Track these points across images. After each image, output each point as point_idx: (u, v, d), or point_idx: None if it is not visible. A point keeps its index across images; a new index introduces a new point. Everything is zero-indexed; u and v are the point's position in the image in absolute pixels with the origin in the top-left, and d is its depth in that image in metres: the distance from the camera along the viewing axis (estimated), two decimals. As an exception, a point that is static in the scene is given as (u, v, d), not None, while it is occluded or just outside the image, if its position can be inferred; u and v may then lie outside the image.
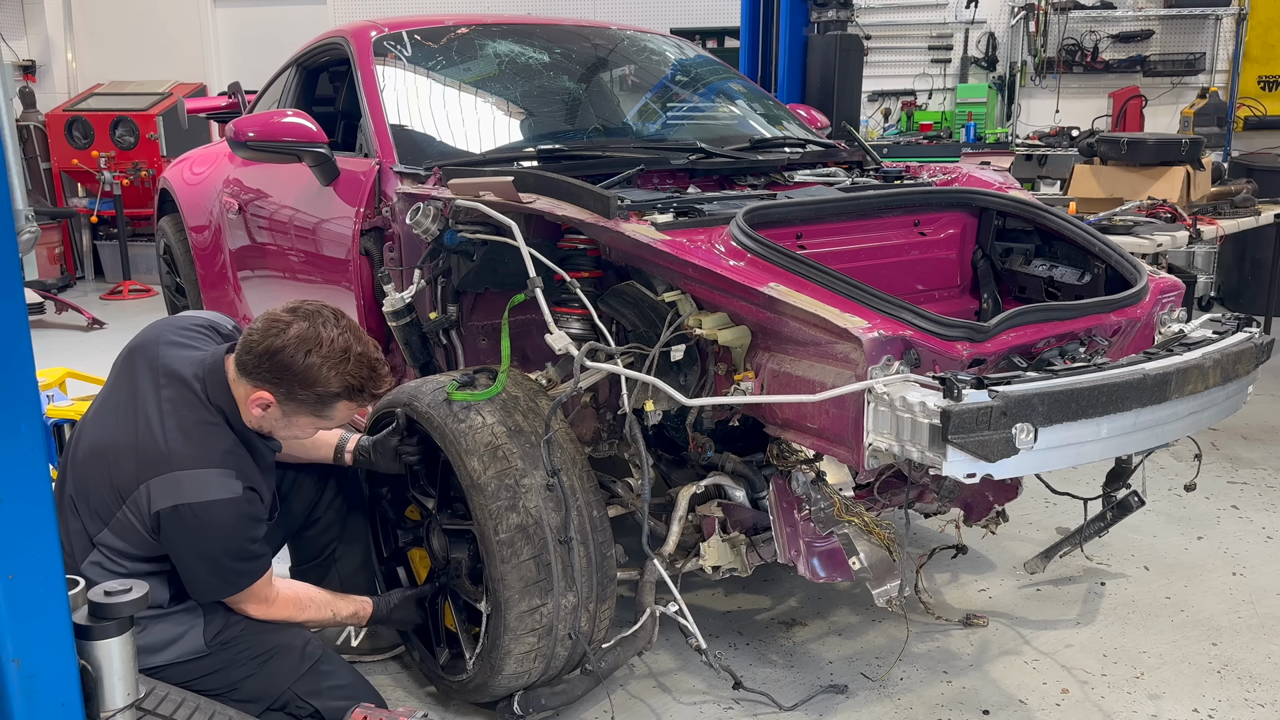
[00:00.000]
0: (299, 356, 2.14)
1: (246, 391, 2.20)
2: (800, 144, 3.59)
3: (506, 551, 2.25)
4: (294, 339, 2.14)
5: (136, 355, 2.29)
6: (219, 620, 2.25)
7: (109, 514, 2.14)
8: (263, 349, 2.15)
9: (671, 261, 2.32)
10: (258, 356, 2.15)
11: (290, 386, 2.16)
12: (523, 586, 2.27)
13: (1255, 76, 8.12)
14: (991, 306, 2.84)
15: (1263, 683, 2.74)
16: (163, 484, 2.09)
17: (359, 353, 2.20)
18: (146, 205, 7.71)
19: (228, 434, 2.21)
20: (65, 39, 9.36)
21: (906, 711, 2.62)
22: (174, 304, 5.58)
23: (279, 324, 2.17)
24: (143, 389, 2.21)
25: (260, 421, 2.24)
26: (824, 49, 5.93)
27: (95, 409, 2.30)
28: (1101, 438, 2.05)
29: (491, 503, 2.26)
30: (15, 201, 4.25)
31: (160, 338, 2.31)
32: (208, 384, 2.22)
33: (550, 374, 2.69)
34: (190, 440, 2.14)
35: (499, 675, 2.35)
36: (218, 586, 2.20)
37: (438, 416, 2.39)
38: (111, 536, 2.14)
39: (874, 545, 2.53)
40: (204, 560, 2.14)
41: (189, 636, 2.21)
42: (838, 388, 2.04)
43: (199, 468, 2.12)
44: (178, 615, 2.21)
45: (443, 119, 3.39)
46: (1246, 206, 5.15)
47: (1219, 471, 4.20)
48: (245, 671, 2.24)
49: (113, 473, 2.14)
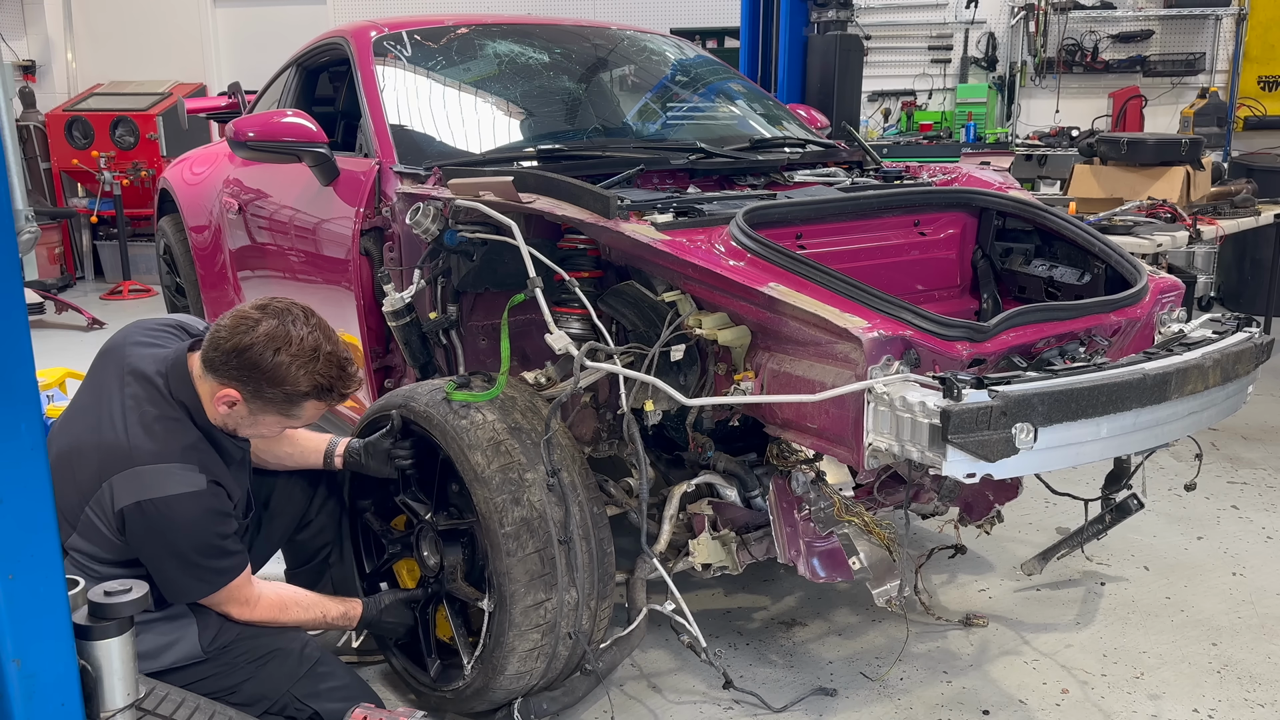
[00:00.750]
0: (268, 355, 2.11)
1: (212, 389, 2.18)
2: (800, 144, 3.59)
3: (512, 545, 2.25)
4: (263, 337, 2.12)
5: (106, 358, 2.28)
6: (214, 624, 2.23)
7: (75, 517, 2.12)
8: (230, 346, 2.13)
9: (671, 261, 2.32)
10: (225, 354, 2.13)
11: (258, 384, 2.14)
12: (528, 580, 2.26)
13: (1255, 76, 8.12)
14: (991, 306, 2.84)
15: (1263, 683, 2.74)
16: (124, 480, 2.07)
17: (329, 351, 2.18)
18: (146, 205, 7.71)
19: (190, 429, 2.18)
20: (65, 39, 9.36)
21: (906, 711, 2.62)
22: (174, 304, 5.58)
23: (247, 321, 2.14)
24: (108, 389, 2.20)
25: (225, 419, 2.21)
26: (824, 49, 5.93)
27: (63, 416, 2.28)
28: (1101, 438, 2.05)
29: (496, 495, 2.26)
30: (15, 201, 4.25)
31: (129, 339, 2.30)
32: (170, 380, 2.20)
33: (549, 372, 2.69)
34: (152, 436, 2.12)
35: (500, 676, 2.33)
36: (192, 585, 2.16)
37: (437, 415, 2.39)
38: (80, 540, 2.12)
39: (874, 545, 2.53)
40: (173, 558, 2.10)
41: (184, 642, 2.19)
42: (838, 388, 2.04)
43: (159, 462, 2.09)
44: (170, 620, 2.20)
45: (443, 119, 3.39)
46: (1246, 206, 5.15)
47: (1219, 471, 4.20)
48: (243, 675, 2.23)
49: (77, 474, 2.12)
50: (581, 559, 2.34)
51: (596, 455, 2.76)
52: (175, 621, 2.20)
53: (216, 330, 2.17)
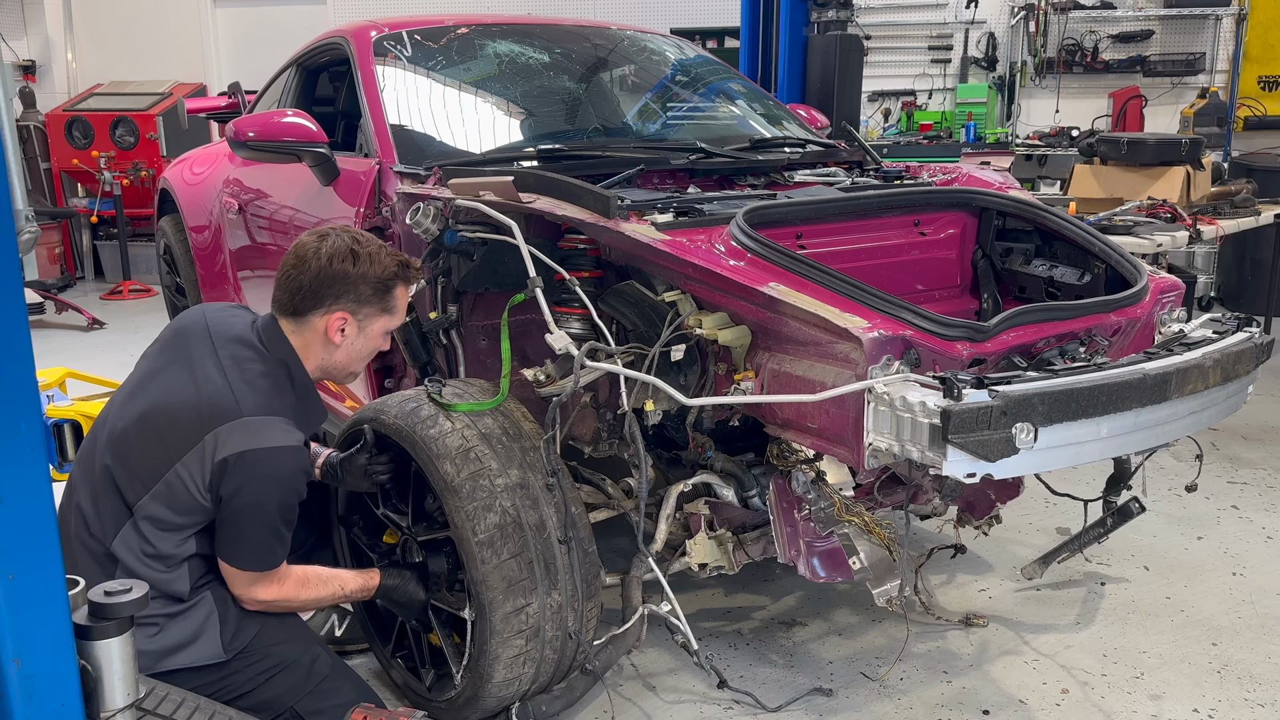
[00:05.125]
0: (346, 261, 2.27)
1: (316, 330, 2.30)
2: (800, 144, 3.59)
3: (487, 552, 2.24)
4: (330, 250, 2.28)
5: (183, 332, 2.33)
6: (233, 620, 2.22)
7: (155, 477, 2.13)
8: (313, 274, 2.26)
9: (671, 261, 2.32)
10: (311, 282, 2.26)
11: (354, 289, 2.29)
12: (506, 587, 2.25)
13: (1255, 76, 8.12)
14: (991, 306, 2.84)
15: (1263, 683, 2.74)
16: (231, 430, 2.12)
17: (378, 240, 2.37)
18: (146, 205, 7.71)
19: (289, 388, 2.28)
20: (65, 39, 9.36)
21: (906, 711, 2.62)
22: (174, 304, 5.58)
23: (307, 250, 2.29)
24: (197, 354, 2.26)
25: (336, 355, 2.33)
26: (824, 49, 5.93)
27: (131, 387, 2.30)
28: (1101, 437, 2.05)
29: (468, 504, 2.25)
30: (15, 201, 4.25)
31: (205, 314, 2.38)
32: (266, 339, 2.29)
33: (549, 370, 2.69)
34: (257, 390, 2.19)
35: (489, 684, 2.31)
36: (260, 547, 2.17)
37: (405, 425, 2.39)
38: (151, 503, 2.13)
39: (874, 545, 2.53)
40: (259, 514, 2.13)
41: (206, 638, 2.18)
42: (838, 387, 2.04)
43: (267, 414, 2.16)
44: (196, 611, 2.18)
45: (443, 119, 3.39)
46: (1246, 206, 5.15)
47: (1219, 471, 4.20)
48: (249, 685, 2.22)
49: (167, 434, 2.14)
50: (562, 561, 2.33)
51: (596, 455, 2.76)
52: (198, 617, 2.19)
53: (287, 277, 2.30)
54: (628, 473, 2.76)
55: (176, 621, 2.17)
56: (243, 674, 2.22)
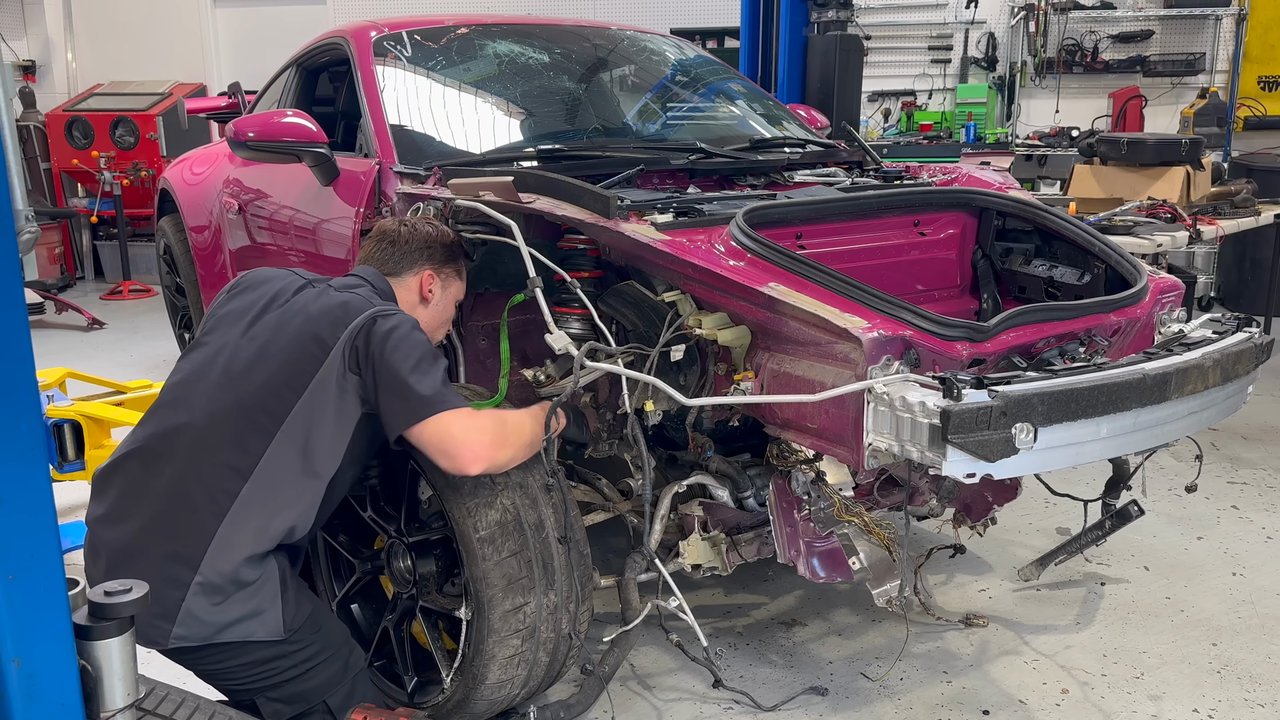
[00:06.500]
0: (426, 226, 2.50)
1: (408, 289, 2.45)
2: (800, 144, 3.59)
3: (488, 549, 2.22)
4: (413, 221, 2.54)
5: (260, 285, 2.35)
6: (292, 600, 2.15)
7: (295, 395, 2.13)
8: (405, 238, 2.45)
9: (671, 261, 2.32)
10: (405, 242, 2.45)
11: (434, 250, 2.48)
12: (505, 584, 2.24)
13: (1255, 76, 8.13)
14: (991, 306, 2.84)
15: (1263, 683, 2.74)
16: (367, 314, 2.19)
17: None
18: (146, 205, 7.71)
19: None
20: (65, 39, 9.37)
21: (906, 711, 2.62)
22: (174, 304, 5.58)
23: (390, 224, 2.52)
24: (284, 293, 2.29)
25: (429, 308, 2.47)
26: (824, 49, 5.93)
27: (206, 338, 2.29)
28: (1101, 438, 2.05)
29: (469, 500, 2.24)
30: (15, 201, 4.25)
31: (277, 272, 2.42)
32: (376, 284, 2.39)
33: (549, 369, 2.69)
34: (368, 299, 2.28)
35: (482, 686, 2.29)
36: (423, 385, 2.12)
37: None
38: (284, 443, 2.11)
39: (874, 545, 2.53)
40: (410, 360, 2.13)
41: (268, 614, 2.12)
42: (837, 388, 2.04)
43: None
44: (264, 586, 2.11)
45: (443, 119, 3.39)
46: (1246, 206, 5.15)
47: (1219, 471, 4.20)
48: (293, 672, 2.17)
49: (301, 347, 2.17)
50: (560, 561, 2.33)
51: (596, 455, 2.76)
52: (261, 592, 2.12)
53: (379, 246, 2.46)
54: (626, 473, 2.77)
55: (238, 596, 2.09)
56: (289, 659, 2.16)
